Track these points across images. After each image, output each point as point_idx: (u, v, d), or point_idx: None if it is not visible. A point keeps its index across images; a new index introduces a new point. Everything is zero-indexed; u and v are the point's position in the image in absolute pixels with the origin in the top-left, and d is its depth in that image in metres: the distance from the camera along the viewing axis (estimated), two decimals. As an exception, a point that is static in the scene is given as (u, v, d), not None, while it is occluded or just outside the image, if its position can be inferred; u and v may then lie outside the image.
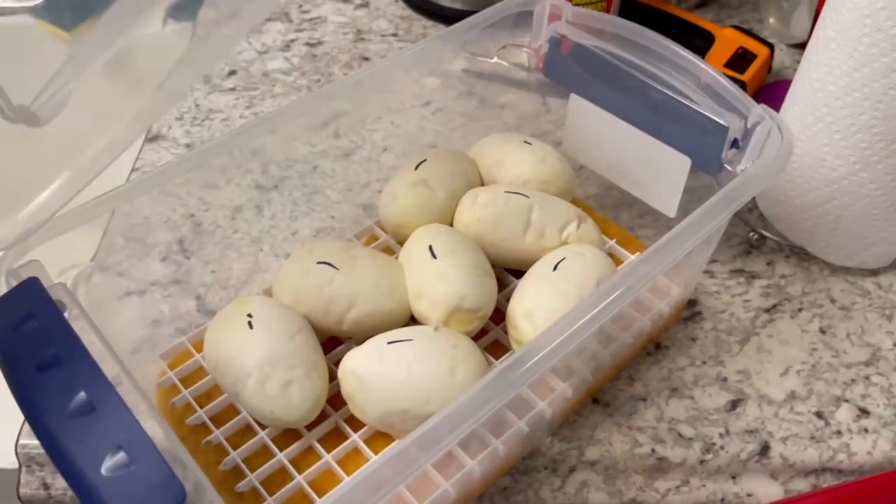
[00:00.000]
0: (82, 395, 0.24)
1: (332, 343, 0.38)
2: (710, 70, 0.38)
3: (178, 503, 0.22)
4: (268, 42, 0.62)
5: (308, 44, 0.62)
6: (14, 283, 0.28)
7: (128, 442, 0.23)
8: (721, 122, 0.37)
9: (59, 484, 0.38)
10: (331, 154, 0.53)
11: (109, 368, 0.26)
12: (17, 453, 0.38)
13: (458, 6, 0.64)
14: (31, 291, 0.27)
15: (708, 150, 0.38)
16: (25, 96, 0.31)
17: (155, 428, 0.25)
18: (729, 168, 0.38)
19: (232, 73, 0.59)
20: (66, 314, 0.29)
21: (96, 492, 0.22)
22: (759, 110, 0.36)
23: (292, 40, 0.62)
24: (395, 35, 0.63)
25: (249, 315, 0.33)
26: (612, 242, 0.43)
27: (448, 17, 0.64)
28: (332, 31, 0.63)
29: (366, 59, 0.61)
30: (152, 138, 0.55)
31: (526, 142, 0.43)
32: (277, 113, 0.41)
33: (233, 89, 0.58)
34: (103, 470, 0.23)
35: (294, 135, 0.46)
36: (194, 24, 0.69)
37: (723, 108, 0.38)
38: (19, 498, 0.39)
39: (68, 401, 0.24)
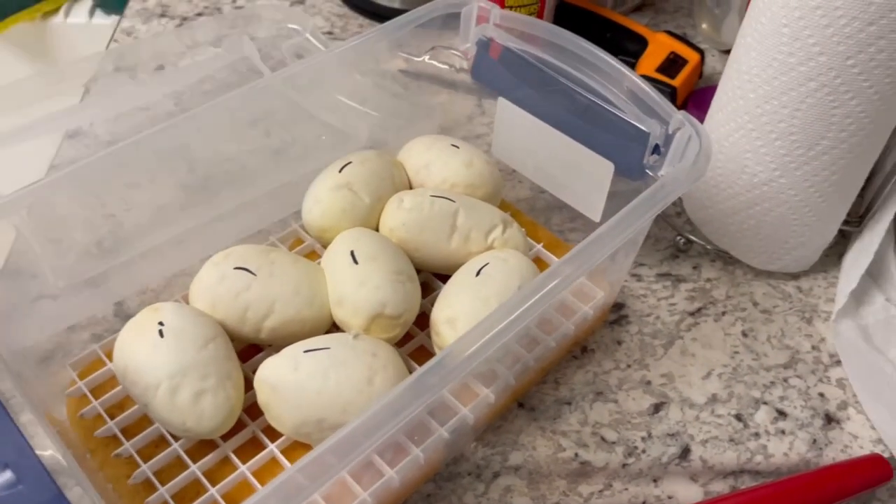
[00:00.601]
0: (-34, 412, 0.23)
1: (252, 351, 0.37)
2: (633, 77, 0.39)
3: (65, 525, 0.21)
4: (198, 37, 0.60)
5: (240, 37, 0.60)
6: None
7: (15, 461, 0.22)
8: (643, 128, 0.37)
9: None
10: (258, 153, 0.52)
11: (2, 383, 0.25)
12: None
13: (395, 5, 0.63)
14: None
15: (631, 156, 0.39)
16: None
17: (48, 446, 0.24)
18: (650, 173, 0.38)
19: (159, 67, 0.57)
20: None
21: (-24, 515, 0.21)
22: (679, 116, 0.37)
23: (223, 35, 0.60)
24: (330, 33, 0.62)
25: (160, 323, 0.32)
26: (539, 247, 0.43)
27: (385, 17, 0.63)
28: (266, 26, 0.62)
29: (299, 56, 0.59)
30: (72, 134, 0.53)
31: (454, 145, 0.42)
32: (205, 110, 0.40)
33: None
34: (-15, 492, 0.22)
35: (222, 132, 0.45)
36: (121, 16, 0.66)
37: (645, 114, 0.38)
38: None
39: (-50, 419, 0.23)
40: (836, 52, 0.36)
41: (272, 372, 0.32)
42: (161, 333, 0.32)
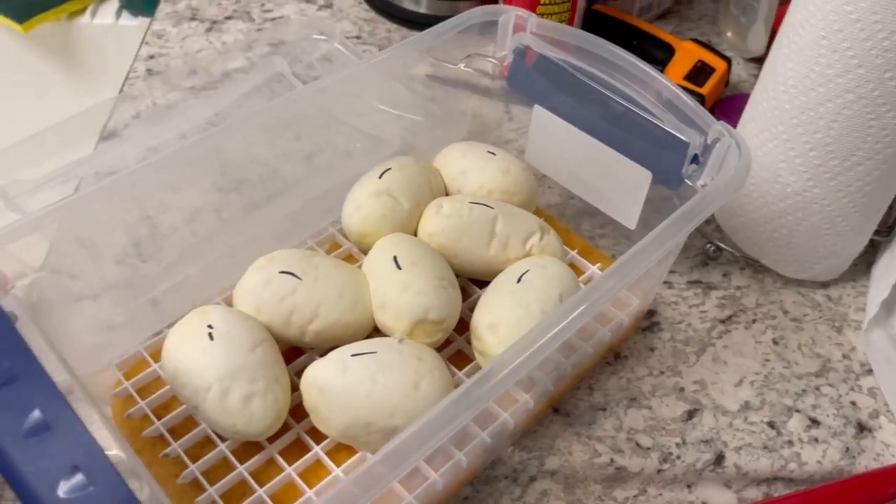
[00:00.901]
0: (37, 413, 0.23)
1: (294, 353, 0.38)
2: (671, 86, 0.39)
3: (138, 526, 0.22)
4: (228, 41, 0.61)
5: (270, 44, 0.61)
6: (-37, 294, 0.27)
7: (85, 462, 0.23)
8: (682, 137, 0.38)
9: (9, 495, 0.37)
10: (292, 157, 0.52)
11: (64, 383, 0.26)
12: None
13: (421, 10, 0.64)
14: (-20, 303, 0.27)
15: (668, 165, 0.39)
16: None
17: (113, 445, 0.24)
18: (689, 183, 0.38)
19: (192, 72, 0.58)
20: (17, 325, 0.28)
21: (53, 515, 0.22)
22: (718, 127, 0.37)
23: (254, 41, 0.61)
24: (358, 38, 0.63)
25: (210, 326, 0.33)
26: (574, 253, 0.44)
27: (411, 21, 0.64)
28: (293, 31, 0.62)
29: (327, 61, 0.60)
30: (108, 136, 0.53)
31: (490, 151, 0.43)
32: (240, 121, 0.41)
33: (192, 88, 0.56)
34: (60, 492, 0.22)
35: (255, 136, 0.45)
36: (151, 18, 0.67)
37: (683, 123, 0.38)
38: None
39: (22, 419, 0.23)
40: (875, 65, 0.36)
41: (320, 375, 0.32)
42: (211, 336, 0.32)
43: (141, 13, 0.72)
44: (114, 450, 0.24)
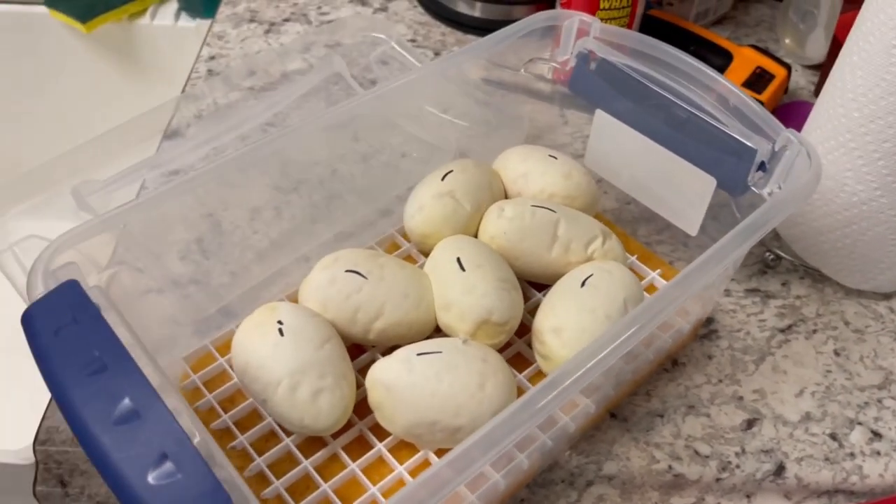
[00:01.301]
0: (127, 401, 0.24)
1: (356, 351, 0.38)
2: (737, 91, 0.39)
3: (225, 514, 0.22)
4: (286, 42, 0.62)
5: (327, 45, 0.61)
6: (52, 286, 0.28)
7: (174, 450, 0.23)
8: (749, 144, 0.38)
9: (77, 483, 0.38)
10: (349, 158, 0.53)
11: (150, 374, 0.26)
12: (34, 451, 0.38)
13: (475, 13, 0.64)
14: (71, 294, 0.27)
15: (733, 172, 0.39)
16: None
17: (196, 434, 0.25)
18: (755, 190, 0.38)
19: (251, 73, 0.59)
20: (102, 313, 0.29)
21: (144, 501, 0.22)
22: (787, 134, 0.37)
23: (311, 42, 0.62)
24: (413, 41, 0.63)
25: (280, 322, 0.33)
26: (634, 259, 0.43)
27: (465, 25, 0.64)
28: (349, 33, 0.63)
29: (383, 62, 0.61)
30: (171, 135, 0.55)
31: (551, 155, 0.43)
32: (301, 126, 0.41)
33: (251, 88, 0.57)
34: (150, 479, 0.23)
35: (313, 137, 0.46)
36: (213, 20, 0.68)
37: (750, 129, 0.38)
38: (35, 496, 0.39)
39: (113, 407, 0.24)
40: (951, 74, 0.36)
41: (386, 373, 0.33)
42: (281, 332, 0.33)
43: (198, 15, 0.73)
44: (196, 437, 0.25)
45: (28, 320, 0.27)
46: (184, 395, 0.37)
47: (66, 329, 0.26)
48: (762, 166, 0.38)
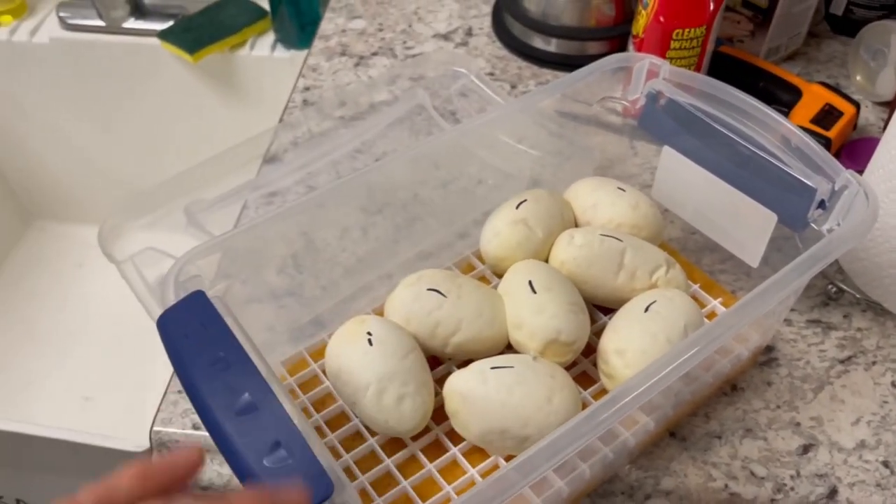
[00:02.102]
0: (246, 395, 0.28)
1: (434, 363, 0.42)
2: (798, 132, 0.41)
3: (329, 494, 0.26)
4: (374, 75, 0.67)
5: (411, 78, 0.66)
6: (181, 295, 0.33)
7: (286, 439, 0.27)
8: (809, 183, 0.40)
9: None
10: (429, 183, 0.57)
11: (264, 372, 0.31)
12: (150, 438, 0.43)
13: (551, 49, 0.67)
14: (197, 302, 0.32)
15: (793, 208, 0.41)
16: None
17: (303, 428, 0.29)
18: (815, 227, 0.40)
19: (342, 103, 0.64)
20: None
21: (260, 480, 0.26)
22: (846, 175, 0.39)
23: (397, 75, 0.67)
24: (491, 74, 0.67)
25: (369, 333, 0.38)
26: (696, 287, 0.46)
27: (541, 59, 0.68)
28: (432, 67, 0.68)
29: (463, 95, 0.65)
30: (270, 159, 0.60)
31: (620, 188, 0.46)
32: (391, 160, 0.46)
33: (342, 118, 0.62)
34: (266, 462, 0.27)
35: (398, 165, 0.50)
36: (308, 51, 0.74)
37: (810, 169, 0.40)
38: (148, 479, 0.44)
39: (235, 400, 0.28)
40: None
41: (463, 384, 0.37)
42: (370, 342, 0.37)
43: (293, 47, 0.79)
44: (301, 426, 0.29)
45: (163, 325, 0.32)
46: (281, 396, 0.41)
47: (195, 333, 0.31)
48: (822, 204, 0.40)
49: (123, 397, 0.83)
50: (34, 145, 0.93)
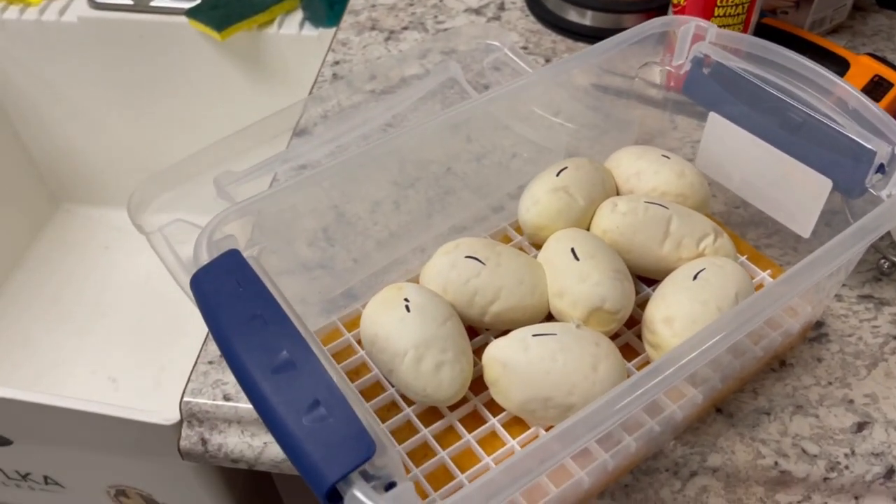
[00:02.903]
0: (284, 353, 0.27)
1: (471, 333, 0.40)
2: (856, 93, 0.39)
3: (370, 455, 0.25)
4: (405, 49, 0.66)
5: (443, 52, 0.65)
6: (216, 254, 0.32)
7: (325, 397, 0.26)
8: (868, 146, 0.38)
9: (215, 440, 0.42)
10: (462, 157, 0.56)
11: (302, 331, 0.29)
12: (180, 409, 0.42)
13: (586, 22, 0.66)
14: (232, 261, 0.31)
15: (850, 174, 0.39)
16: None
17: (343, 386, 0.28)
18: (873, 192, 0.38)
19: (372, 77, 0.63)
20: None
21: (299, 440, 0.25)
22: (908, 137, 0.37)
23: (428, 49, 0.65)
24: (525, 48, 0.66)
25: (406, 299, 0.36)
26: (744, 259, 0.44)
27: (576, 33, 0.66)
28: (464, 41, 0.66)
29: (496, 68, 0.63)
30: (299, 132, 0.59)
31: (664, 155, 0.44)
32: (419, 126, 0.44)
33: (372, 92, 0.61)
34: (304, 420, 0.26)
35: (429, 138, 0.49)
36: (337, 27, 0.73)
37: (868, 131, 0.38)
38: (179, 451, 0.43)
39: (273, 358, 0.27)
40: None
41: (503, 351, 0.35)
42: (407, 308, 0.36)
43: (321, 25, 0.78)
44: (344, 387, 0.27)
45: (197, 283, 0.31)
46: (313, 366, 0.40)
47: (230, 291, 0.29)
48: (881, 168, 0.38)
49: (149, 379, 0.83)
50: (63, 127, 0.93)
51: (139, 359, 0.85)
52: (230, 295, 0.29)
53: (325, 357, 0.29)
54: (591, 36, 0.65)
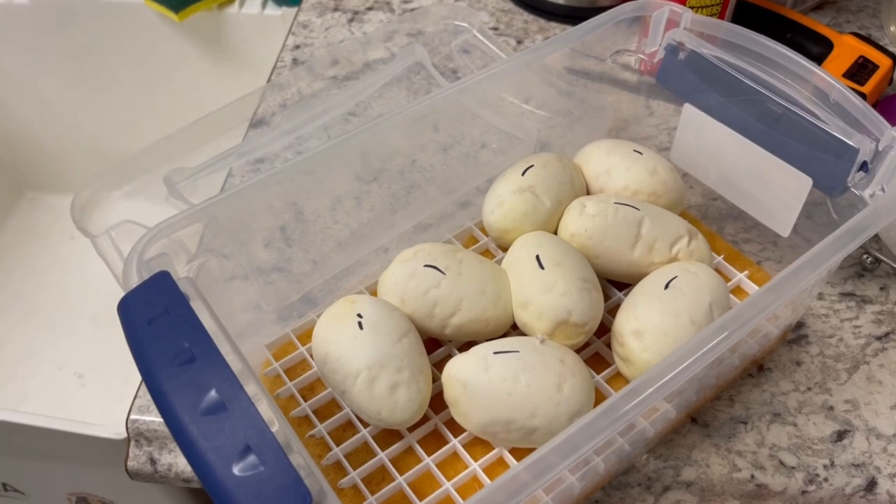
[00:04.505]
0: (214, 393, 0.25)
1: (433, 344, 0.38)
2: (839, 85, 0.37)
3: (305, 508, 0.23)
4: (369, 31, 0.62)
5: (409, 34, 0.62)
6: (146, 276, 0.30)
7: (257, 443, 0.24)
8: (850, 142, 0.36)
9: (165, 460, 0.40)
10: (429, 148, 0.53)
11: (234, 363, 0.27)
12: (127, 428, 0.40)
13: (560, 1, 0.63)
14: (162, 285, 0.28)
15: (831, 171, 0.37)
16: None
17: (275, 423, 0.26)
18: (855, 192, 0.36)
19: (334, 62, 0.59)
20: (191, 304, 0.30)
21: (228, 491, 0.23)
22: (893, 133, 0.35)
23: (394, 31, 0.62)
24: (495, 29, 0.63)
25: (359, 315, 0.34)
26: (720, 259, 0.42)
27: (549, 12, 0.63)
28: (432, 21, 0.63)
29: (465, 51, 0.60)
30: (256, 123, 0.56)
31: (636, 150, 0.42)
32: (384, 120, 0.42)
33: (334, 78, 0.58)
34: (235, 470, 0.23)
35: (393, 126, 0.46)
36: (299, 7, 0.69)
37: (851, 126, 0.36)
38: (126, 471, 0.41)
39: (201, 398, 0.25)
40: None
41: (463, 370, 0.33)
42: (360, 325, 0.33)
43: (284, 4, 0.74)
44: (276, 426, 0.25)
45: (124, 310, 0.28)
46: (265, 383, 0.38)
47: (158, 319, 0.27)
48: (864, 166, 0.36)
49: (117, 373, 0.80)
50: (20, 113, 0.89)
51: (107, 354, 0.82)
52: (158, 324, 0.27)
53: (262, 390, 0.26)
54: (565, 16, 0.62)
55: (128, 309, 0.28)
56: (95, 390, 0.80)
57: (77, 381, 0.81)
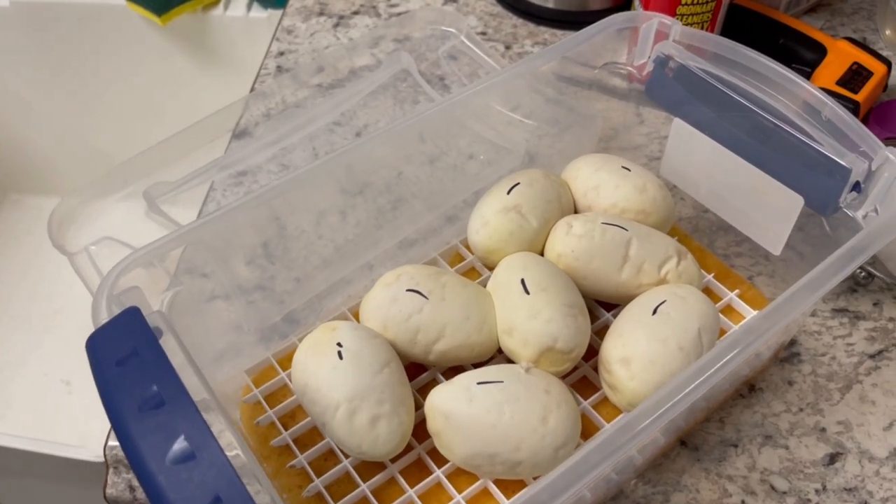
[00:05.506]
0: (182, 440, 0.24)
1: (416, 370, 0.37)
2: (830, 102, 0.36)
3: (277, 565, 0.22)
4: (355, 37, 0.61)
5: (396, 39, 0.60)
6: (116, 311, 0.29)
7: (227, 494, 0.23)
8: (842, 162, 0.35)
9: (144, 488, 0.39)
10: (415, 159, 0.52)
11: (203, 402, 0.26)
12: (105, 455, 0.39)
13: (549, 5, 0.62)
14: (132, 323, 0.28)
15: (823, 190, 0.36)
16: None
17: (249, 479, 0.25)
18: (848, 212, 0.35)
19: (319, 69, 0.58)
20: (161, 342, 0.29)
21: (197, 547, 0.22)
22: (886, 153, 0.34)
23: (380, 37, 0.61)
24: (483, 33, 0.61)
25: (339, 344, 0.33)
26: (710, 277, 0.41)
27: (538, 17, 0.62)
28: (419, 27, 0.62)
29: (452, 57, 0.59)
30: (239, 134, 0.55)
31: (625, 167, 0.41)
32: (374, 137, 0.41)
33: (319, 86, 0.57)
34: (203, 524, 0.23)
35: (381, 143, 0.45)
36: (282, 13, 0.68)
37: (843, 145, 0.35)
38: (105, 498, 0.40)
39: (169, 446, 0.24)
40: None
41: (446, 401, 0.32)
42: (340, 355, 0.33)
43: (270, 6, 0.73)
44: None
45: (92, 349, 0.27)
46: (245, 410, 0.37)
47: (127, 361, 0.26)
48: (856, 186, 0.35)
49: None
50: (3, 115, 0.88)
51: (93, 360, 0.81)
52: (127, 365, 0.26)
53: (235, 434, 0.26)
54: (554, 20, 0.61)
55: (96, 348, 0.27)
56: (83, 397, 0.79)
57: (64, 388, 0.80)
